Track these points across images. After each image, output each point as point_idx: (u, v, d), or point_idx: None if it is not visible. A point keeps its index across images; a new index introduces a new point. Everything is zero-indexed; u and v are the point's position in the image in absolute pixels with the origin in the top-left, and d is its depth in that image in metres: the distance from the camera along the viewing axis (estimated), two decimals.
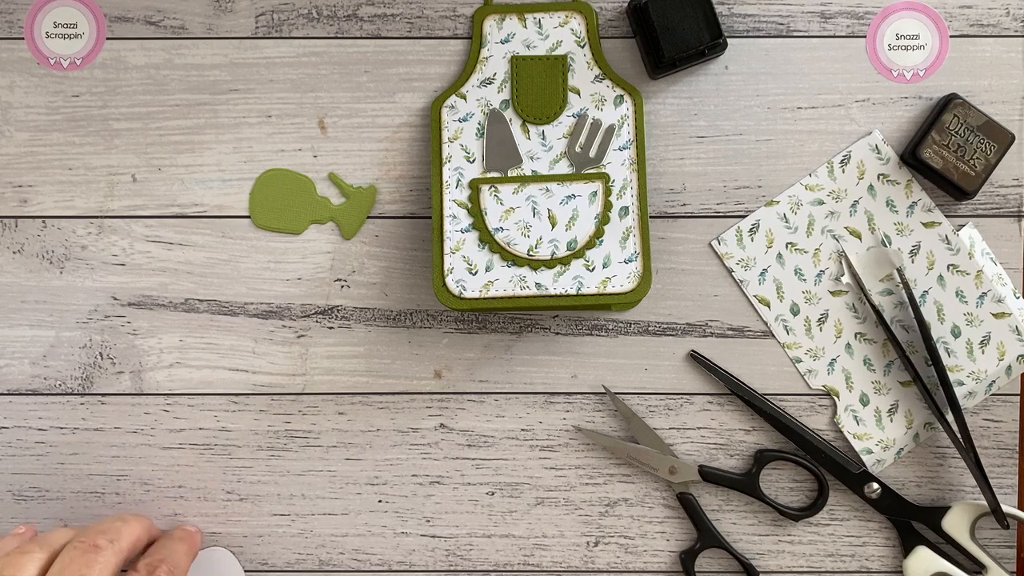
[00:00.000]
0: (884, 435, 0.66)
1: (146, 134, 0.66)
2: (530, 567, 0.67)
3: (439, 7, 0.66)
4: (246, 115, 0.66)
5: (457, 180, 0.64)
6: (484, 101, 0.65)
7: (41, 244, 0.66)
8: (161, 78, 0.66)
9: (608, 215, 0.63)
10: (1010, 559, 0.67)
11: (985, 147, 0.64)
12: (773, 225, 0.66)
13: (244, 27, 0.66)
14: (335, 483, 0.67)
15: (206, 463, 0.67)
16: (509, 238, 0.63)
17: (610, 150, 0.64)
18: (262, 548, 0.67)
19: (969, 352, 0.65)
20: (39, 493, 0.67)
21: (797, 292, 0.66)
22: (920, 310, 0.64)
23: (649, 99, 0.66)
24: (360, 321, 0.67)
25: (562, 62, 0.65)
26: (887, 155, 0.66)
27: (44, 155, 0.66)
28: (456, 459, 0.67)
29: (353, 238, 0.66)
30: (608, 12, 0.66)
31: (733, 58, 0.66)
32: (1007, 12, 0.66)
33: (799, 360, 0.66)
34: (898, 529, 0.66)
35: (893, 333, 0.64)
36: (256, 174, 0.66)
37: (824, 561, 0.67)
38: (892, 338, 0.64)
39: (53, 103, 0.66)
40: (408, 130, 0.66)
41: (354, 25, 0.66)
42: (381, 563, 0.67)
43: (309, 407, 0.67)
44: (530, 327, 0.67)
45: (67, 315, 0.66)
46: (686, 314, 0.66)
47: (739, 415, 0.67)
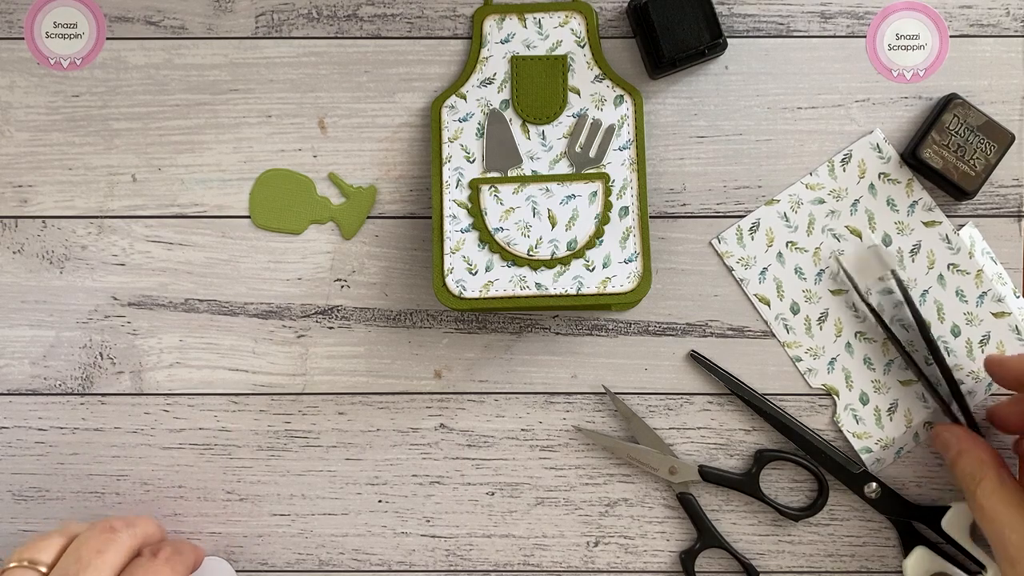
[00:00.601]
0: (884, 434, 0.66)
1: (146, 134, 0.66)
2: (530, 567, 0.67)
3: (439, 7, 0.66)
4: (246, 115, 0.66)
5: (457, 180, 0.64)
6: (484, 101, 0.65)
7: (41, 244, 0.66)
8: (161, 78, 0.66)
9: (608, 215, 0.63)
10: None
11: (985, 147, 0.64)
12: (773, 224, 0.66)
13: (244, 27, 0.66)
14: (335, 483, 0.67)
15: (206, 463, 0.67)
16: (509, 238, 0.63)
17: (610, 150, 0.64)
18: (262, 548, 0.67)
19: (969, 351, 0.65)
20: (39, 493, 0.67)
21: (797, 291, 0.66)
22: (918, 310, 0.64)
23: (649, 99, 0.66)
24: (360, 321, 0.67)
25: (562, 62, 0.65)
26: (888, 154, 0.66)
27: (44, 155, 0.66)
28: (456, 459, 0.67)
29: (353, 238, 0.66)
30: (608, 12, 0.66)
31: (733, 58, 0.66)
32: (1007, 12, 0.66)
33: (799, 359, 0.66)
34: (898, 529, 0.66)
35: (892, 331, 0.64)
36: (256, 174, 0.66)
37: (824, 561, 0.67)
38: (892, 336, 0.64)
39: (53, 103, 0.66)
40: (408, 130, 0.66)
41: (354, 25, 0.66)
42: (381, 563, 0.67)
43: (309, 407, 0.67)
44: (530, 327, 0.67)
45: (67, 315, 0.66)
46: (686, 314, 0.66)
47: (739, 415, 0.67)
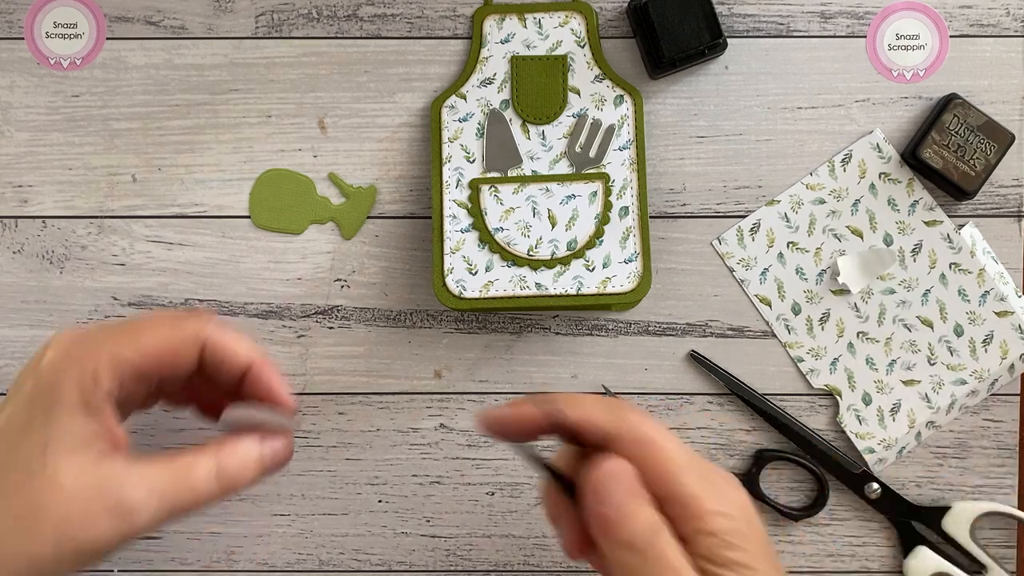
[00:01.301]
0: (886, 434, 0.66)
1: (146, 134, 0.66)
2: (530, 567, 0.67)
3: (439, 7, 0.66)
4: (246, 115, 0.66)
5: (457, 180, 0.64)
6: (484, 101, 0.65)
7: (41, 244, 0.66)
8: (161, 78, 0.66)
9: (608, 215, 0.63)
10: (1010, 559, 0.67)
11: (985, 147, 0.64)
12: (774, 224, 0.66)
13: (244, 27, 0.66)
14: (335, 483, 0.67)
15: None
16: (509, 238, 0.63)
17: (610, 150, 0.64)
18: (262, 548, 0.67)
19: (972, 351, 0.65)
20: None
21: (799, 291, 0.66)
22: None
23: (649, 99, 0.66)
24: (360, 321, 0.67)
25: (562, 62, 0.65)
26: (888, 154, 0.66)
27: (44, 155, 0.66)
28: (456, 459, 0.67)
29: (353, 238, 0.66)
30: (608, 12, 0.66)
31: (733, 58, 0.66)
32: (1007, 12, 0.66)
33: (801, 360, 0.66)
34: (898, 529, 0.66)
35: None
36: (256, 174, 0.66)
37: (824, 561, 0.67)
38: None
39: (53, 103, 0.66)
40: (408, 130, 0.66)
41: (354, 25, 0.66)
42: (381, 563, 0.67)
43: (309, 407, 0.67)
44: (530, 327, 0.67)
45: (67, 315, 0.66)
46: (686, 314, 0.66)
47: (739, 415, 0.67)
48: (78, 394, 0.48)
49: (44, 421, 0.47)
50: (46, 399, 0.48)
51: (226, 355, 0.51)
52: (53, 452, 0.47)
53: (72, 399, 0.48)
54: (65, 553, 0.47)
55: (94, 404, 0.48)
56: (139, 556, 0.67)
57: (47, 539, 0.46)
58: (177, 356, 0.51)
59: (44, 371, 0.48)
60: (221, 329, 0.52)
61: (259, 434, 0.52)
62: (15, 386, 0.49)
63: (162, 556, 0.67)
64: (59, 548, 0.47)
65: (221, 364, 0.52)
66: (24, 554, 0.46)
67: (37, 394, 0.48)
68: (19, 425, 0.48)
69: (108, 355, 0.49)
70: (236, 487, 0.51)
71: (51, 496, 0.47)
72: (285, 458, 0.53)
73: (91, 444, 0.48)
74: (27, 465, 0.47)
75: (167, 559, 0.67)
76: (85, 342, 0.49)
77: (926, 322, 0.66)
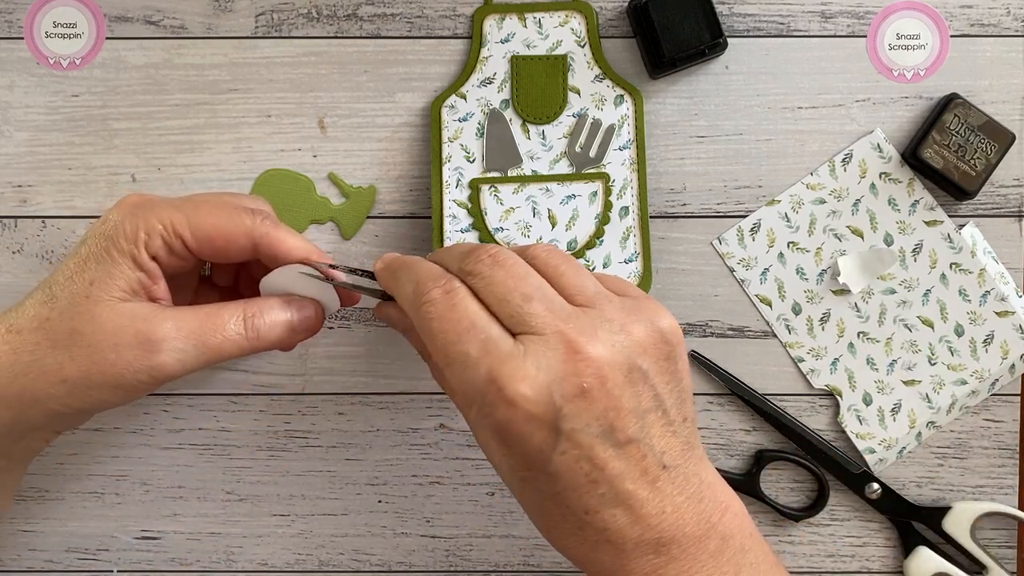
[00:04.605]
0: (887, 434, 0.66)
1: (146, 134, 0.66)
2: (530, 567, 0.67)
3: (439, 7, 0.66)
4: (246, 115, 0.66)
5: (457, 180, 0.64)
6: (484, 101, 0.65)
7: (41, 244, 0.66)
8: (161, 78, 0.66)
9: (608, 215, 0.63)
10: (1010, 559, 0.67)
11: (985, 147, 0.64)
12: (774, 224, 0.66)
13: (244, 27, 0.66)
14: (335, 483, 0.67)
15: (206, 463, 0.67)
16: (509, 238, 0.63)
17: (610, 150, 0.64)
18: (262, 548, 0.67)
19: (972, 351, 0.65)
20: (39, 493, 0.67)
21: (799, 291, 0.66)
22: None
23: (649, 99, 0.66)
24: (360, 321, 0.66)
25: (562, 62, 0.65)
26: (889, 154, 0.66)
27: (44, 155, 0.66)
28: (456, 459, 0.67)
29: (353, 238, 0.66)
30: (608, 12, 0.66)
31: (733, 58, 0.66)
32: (1007, 12, 0.66)
33: (801, 360, 0.66)
34: (898, 529, 0.66)
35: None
36: (256, 174, 0.66)
37: (824, 561, 0.67)
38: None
39: (53, 103, 0.66)
40: (408, 130, 0.66)
41: (354, 25, 0.66)
42: (381, 563, 0.67)
43: (309, 407, 0.67)
44: None
45: None
46: (686, 314, 0.66)
47: (739, 415, 0.67)
48: (128, 247, 0.54)
49: (96, 263, 0.54)
50: (102, 246, 0.54)
51: (279, 252, 0.56)
52: (96, 288, 0.53)
53: (122, 250, 0.54)
54: (94, 376, 0.53)
55: (140, 260, 0.54)
56: (139, 556, 0.67)
57: (80, 362, 0.53)
58: (229, 245, 0.55)
59: (106, 223, 0.55)
60: (276, 228, 0.56)
61: (292, 301, 0.57)
62: (84, 235, 0.56)
63: (162, 556, 0.67)
64: (88, 372, 0.53)
65: (275, 259, 0.56)
66: (57, 374, 0.53)
67: (96, 240, 0.54)
68: (77, 264, 0.54)
69: (163, 224, 0.54)
70: (262, 341, 0.55)
71: (86, 324, 0.53)
72: (315, 326, 0.57)
73: (132, 291, 0.54)
74: (73, 296, 0.54)
75: (167, 559, 0.67)
76: (145, 207, 0.55)
77: (927, 322, 0.66)
